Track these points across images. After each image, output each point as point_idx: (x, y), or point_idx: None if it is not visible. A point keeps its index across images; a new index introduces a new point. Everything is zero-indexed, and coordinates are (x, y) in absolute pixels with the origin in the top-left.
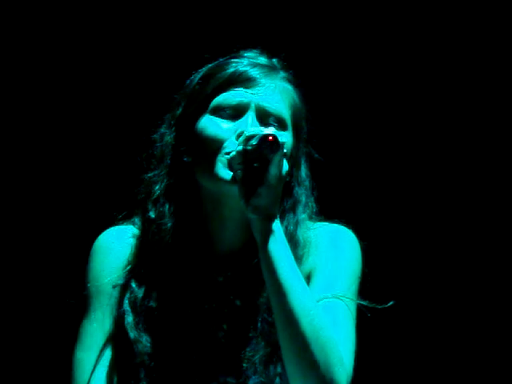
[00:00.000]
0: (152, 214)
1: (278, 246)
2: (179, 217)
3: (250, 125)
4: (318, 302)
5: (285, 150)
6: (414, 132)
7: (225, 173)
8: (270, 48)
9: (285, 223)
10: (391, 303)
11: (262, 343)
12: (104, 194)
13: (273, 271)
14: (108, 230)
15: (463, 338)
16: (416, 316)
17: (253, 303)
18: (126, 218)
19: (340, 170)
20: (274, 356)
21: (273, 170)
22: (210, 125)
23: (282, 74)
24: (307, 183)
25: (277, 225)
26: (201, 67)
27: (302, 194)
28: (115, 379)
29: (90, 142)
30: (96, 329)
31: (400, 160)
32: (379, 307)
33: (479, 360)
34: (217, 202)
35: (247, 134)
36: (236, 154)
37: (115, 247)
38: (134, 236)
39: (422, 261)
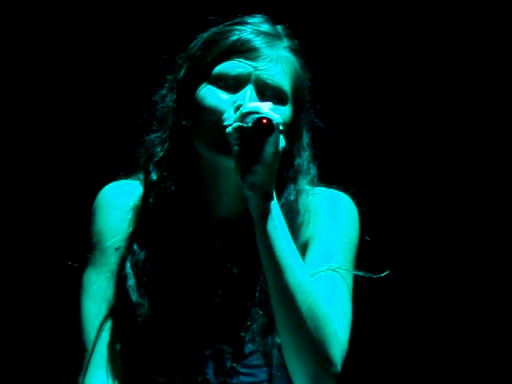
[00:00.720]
0: (154, 176)
1: (274, 223)
2: (180, 181)
3: (248, 98)
4: (313, 274)
5: (281, 128)
6: (418, 98)
7: (221, 146)
8: (276, 14)
9: (285, 194)
10: (387, 272)
11: (260, 313)
12: (106, 154)
13: (269, 248)
14: (113, 182)
15: (461, 307)
16: (414, 285)
17: (250, 271)
18: (132, 174)
19: (342, 135)
20: (271, 326)
21: (268, 149)
22: (209, 95)
23: (286, 42)
24: (309, 152)
25: (273, 202)
26: (205, 29)
27: (303, 163)
28: (118, 343)
29: (94, 101)
30: (101, 282)
31: (402, 126)
32: (375, 277)
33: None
34: (214, 170)
35: (243, 111)
36: (232, 130)
37: (120, 202)
38: (137, 194)
39: (420, 228)
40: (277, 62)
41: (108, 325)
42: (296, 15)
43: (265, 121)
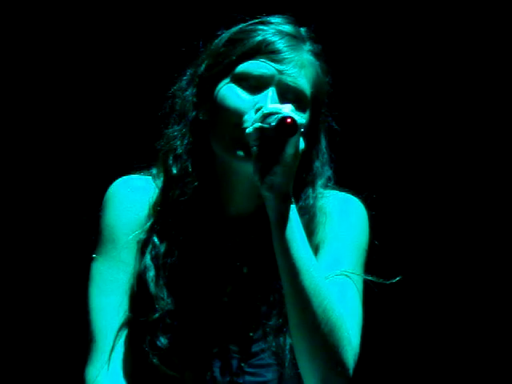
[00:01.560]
0: (174, 170)
1: (291, 225)
2: (198, 176)
3: (269, 100)
4: (325, 278)
5: (302, 130)
6: (429, 104)
7: (238, 149)
8: (300, 17)
9: (303, 197)
10: (398, 278)
11: (274, 313)
12: (121, 147)
13: (285, 250)
14: (125, 177)
15: (468, 309)
16: (422, 289)
17: (261, 271)
18: (143, 169)
19: (356, 140)
20: (284, 327)
21: (289, 150)
22: (231, 94)
23: (309, 46)
24: (326, 156)
25: (291, 203)
26: (227, 26)
27: (320, 166)
28: (128, 335)
29: (111, 95)
30: (112, 274)
31: (412, 131)
32: (386, 282)
33: (479, 353)
34: (228, 169)
35: (265, 111)
36: (253, 131)
37: (133, 195)
38: (152, 187)
39: (429, 233)
40: (300, 66)
41: (118, 316)
42: (317, 21)
43: (289, 120)
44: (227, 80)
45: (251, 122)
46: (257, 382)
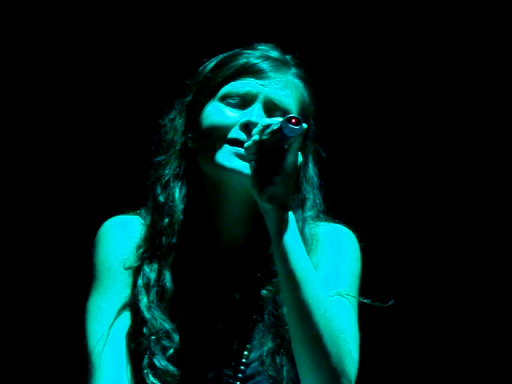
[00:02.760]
0: (161, 198)
1: (292, 236)
2: (187, 202)
3: (256, 116)
4: None
5: (301, 140)
6: (417, 137)
7: (226, 160)
8: (284, 44)
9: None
10: (392, 302)
11: (269, 336)
12: (109, 185)
13: (287, 261)
14: (115, 217)
15: (461, 339)
16: (414, 317)
17: (254, 296)
18: (131, 210)
19: (344, 170)
20: (281, 348)
21: (290, 158)
22: (216, 111)
23: (294, 70)
24: (315, 180)
25: (291, 215)
26: (214, 55)
27: (310, 191)
28: (126, 359)
29: (98, 130)
30: (109, 305)
31: (402, 163)
32: (380, 305)
33: (478, 360)
34: (219, 192)
35: (263, 123)
36: (252, 143)
37: (123, 232)
38: (141, 224)
39: (420, 264)
40: (285, 86)
41: (118, 344)
42: (302, 47)
43: (294, 120)
44: (213, 101)
45: (237, 135)
46: None
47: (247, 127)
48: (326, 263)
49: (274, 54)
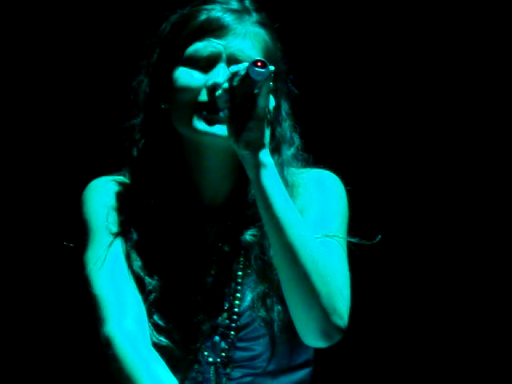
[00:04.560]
0: (139, 161)
1: (271, 179)
2: (165, 165)
3: (221, 76)
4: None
5: (271, 84)
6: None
7: (200, 125)
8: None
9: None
10: (379, 238)
11: (258, 280)
12: (90, 149)
13: (269, 205)
14: (99, 178)
15: (457, 290)
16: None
17: (242, 246)
18: (114, 171)
19: (326, 114)
20: (270, 291)
21: (261, 102)
22: (183, 76)
23: (255, 17)
24: (289, 122)
25: (269, 158)
26: (174, 10)
27: (285, 133)
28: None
29: (74, 95)
30: (107, 252)
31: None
32: (368, 243)
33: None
34: (197, 152)
35: (231, 70)
36: (222, 92)
37: (107, 194)
38: (125, 185)
39: (409, 210)
40: (246, 38)
41: (123, 279)
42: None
43: (260, 63)
44: (179, 65)
45: (205, 98)
46: (247, 357)
47: (214, 89)
48: (311, 206)
49: (233, 4)
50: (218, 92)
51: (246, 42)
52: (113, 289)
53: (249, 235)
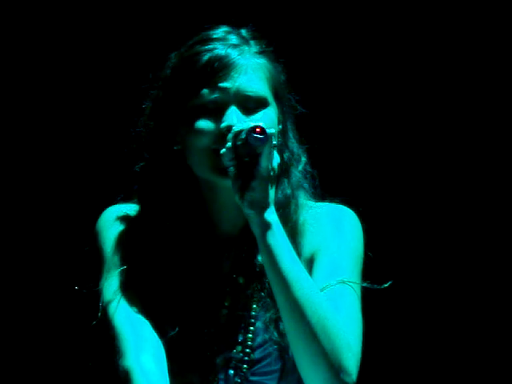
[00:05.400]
0: (152, 198)
1: (276, 238)
2: (180, 200)
3: (233, 119)
4: (323, 288)
5: (274, 142)
6: (414, 105)
7: (217, 170)
8: (238, 18)
9: (281, 187)
10: (390, 282)
11: (272, 303)
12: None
13: (274, 263)
14: (113, 206)
15: (464, 319)
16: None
17: (256, 273)
18: (128, 198)
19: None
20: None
21: (263, 163)
22: (196, 122)
23: (254, 47)
24: (296, 143)
25: (274, 216)
26: (172, 46)
27: (293, 154)
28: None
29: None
30: (121, 279)
31: (401, 140)
32: (380, 287)
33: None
34: (213, 189)
35: (235, 129)
36: (226, 151)
37: (122, 222)
38: (139, 214)
39: (422, 243)
40: (250, 71)
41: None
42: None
43: (258, 129)
44: (188, 109)
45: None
46: None
47: (228, 131)
48: (326, 247)
49: (231, 38)
50: (223, 151)
51: (250, 76)
52: (130, 322)
53: (261, 261)
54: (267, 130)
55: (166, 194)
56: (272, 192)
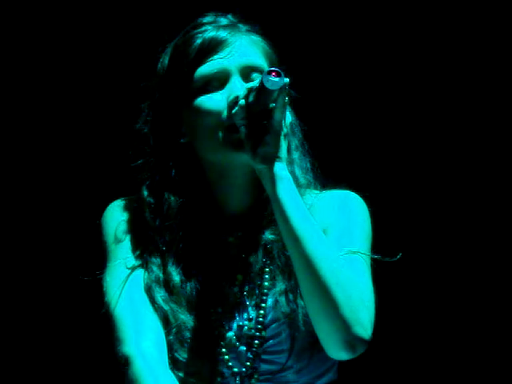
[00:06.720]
0: (159, 188)
1: (288, 192)
2: (187, 189)
3: (239, 88)
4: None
5: (286, 98)
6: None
7: (231, 144)
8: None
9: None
10: (399, 256)
11: (282, 276)
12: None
13: (286, 218)
14: (118, 200)
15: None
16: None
17: (265, 249)
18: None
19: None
20: (294, 287)
21: (277, 116)
22: (202, 102)
23: (245, 27)
24: (296, 129)
25: (285, 171)
26: (163, 46)
27: (291, 139)
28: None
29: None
30: (125, 270)
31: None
32: (390, 260)
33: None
34: (221, 172)
35: (246, 87)
36: (239, 109)
37: (127, 216)
38: (143, 206)
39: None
40: (246, 45)
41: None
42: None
43: (274, 73)
44: (193, 94)
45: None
46: (272, 370)
47: (236, 103)
48: (335, 224)
49: (222, 21)
50: (235, 109)
51: (245, 48)
52: (132, 311)
53: (270, 234)
54: (283, 75)
55: (173, 187)
56: (284, 147)
